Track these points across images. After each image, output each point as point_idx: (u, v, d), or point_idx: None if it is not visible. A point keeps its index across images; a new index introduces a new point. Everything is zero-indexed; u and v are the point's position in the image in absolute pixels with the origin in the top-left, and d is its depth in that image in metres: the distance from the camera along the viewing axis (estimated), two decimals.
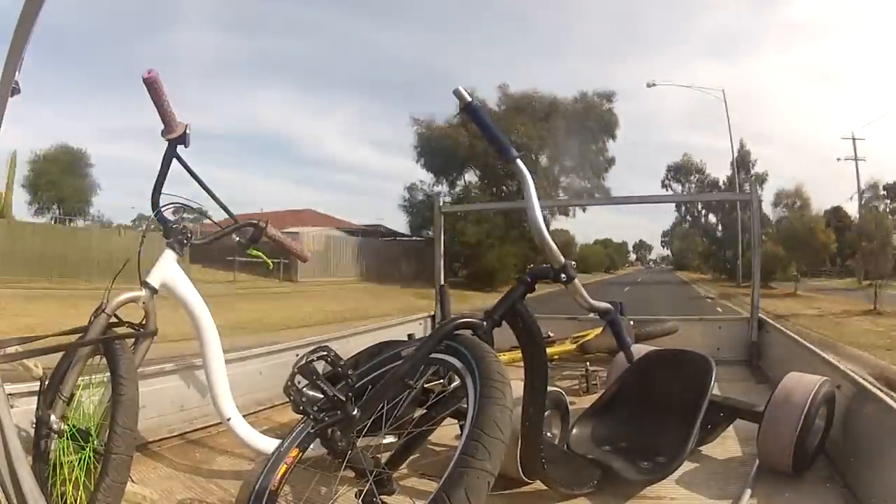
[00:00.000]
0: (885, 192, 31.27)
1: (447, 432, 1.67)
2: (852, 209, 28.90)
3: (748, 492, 1.35)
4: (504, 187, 21.41)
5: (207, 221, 1.73)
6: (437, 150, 22.19)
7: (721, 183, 31.97)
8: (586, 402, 1.98)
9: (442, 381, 1.50)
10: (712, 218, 34.96)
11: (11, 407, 1.38)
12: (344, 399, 1.06)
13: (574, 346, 2.91)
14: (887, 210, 30.22)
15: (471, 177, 23.45)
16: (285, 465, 1.14)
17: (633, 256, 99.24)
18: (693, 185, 34.56)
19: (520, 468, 1.34)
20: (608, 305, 1.24)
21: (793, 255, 22.62)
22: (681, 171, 34.99)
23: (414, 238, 23.95)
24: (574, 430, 1.61)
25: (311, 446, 1.19)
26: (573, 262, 1.18)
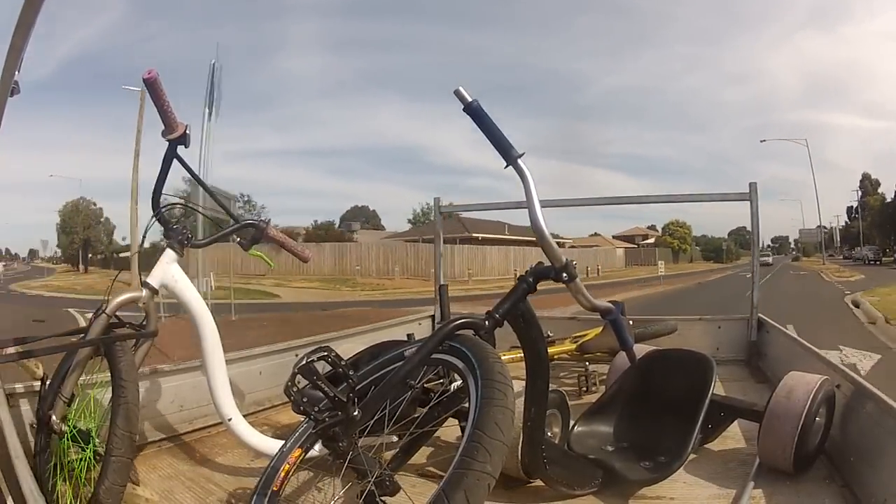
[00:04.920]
0: None
1: (451, 431, 1.67)
2: None
3: (748, 491, 1.35)
4: None
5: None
6: None
7: None
8: (587, 402, 1.98)
9: (443, 380, 1.50)
10: None
11: (11, 407, 1.38)
12: (345, 400, 1.05)
13: (574, 345, 2.91)
14: None
15: None
16: (288, 465, 1.14)
17: None
18: None
19: (521, 467, 1.34)
20: (609, 305, 1.23)
21: None
22: None
23: None
24: (575, 430, 1.61)
25: (314, 447, 1.19)
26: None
